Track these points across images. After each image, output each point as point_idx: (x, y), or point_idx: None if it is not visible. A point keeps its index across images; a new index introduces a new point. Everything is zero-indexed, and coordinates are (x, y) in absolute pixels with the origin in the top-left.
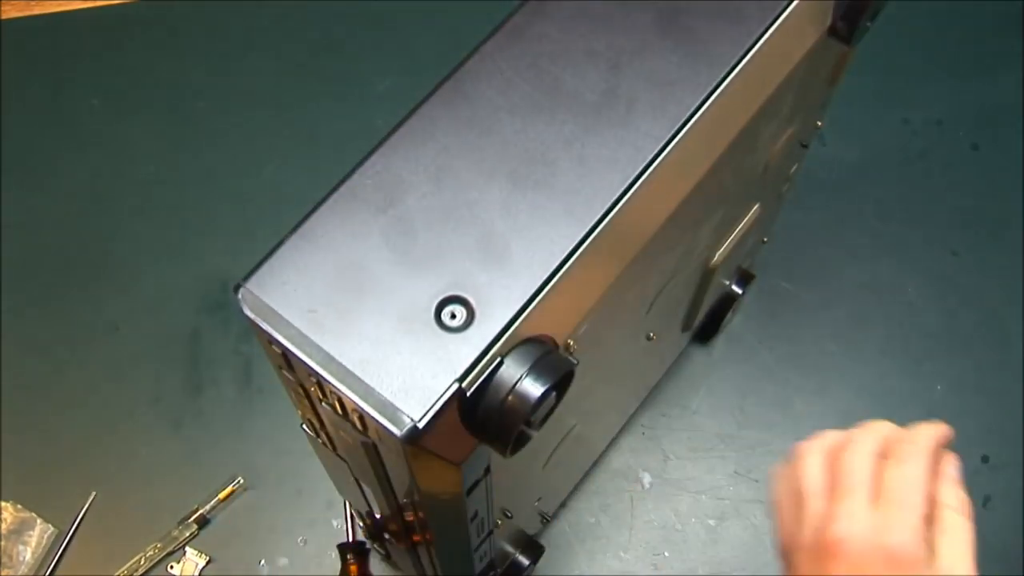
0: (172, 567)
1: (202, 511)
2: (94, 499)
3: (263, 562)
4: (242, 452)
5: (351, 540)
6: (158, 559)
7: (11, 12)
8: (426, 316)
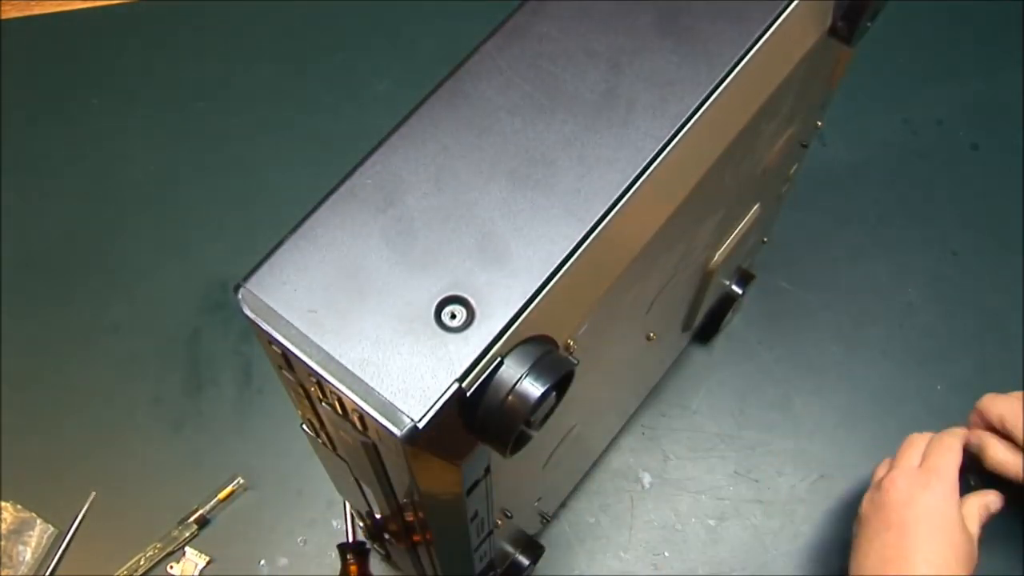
0: (172, 567)
1: (202, 511)
2: (94, 499)
3: (263, 562)
4: (242, 452)
5: (351, 540)
6: (158, 559)
7: (11, 12)
8: (426, 316)
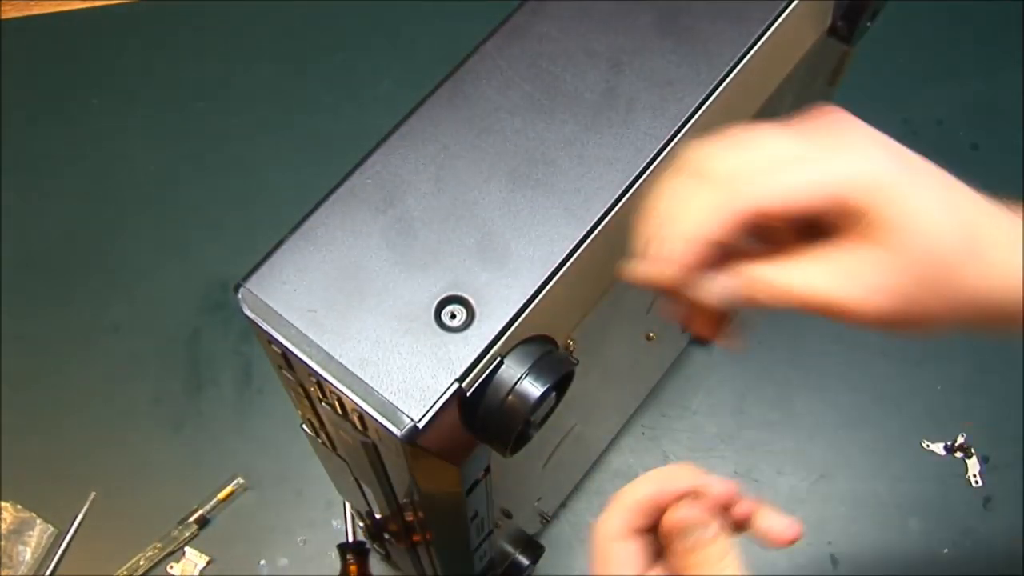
0: (172, 567)
1: (202, 511)
2: (94, 499)
3: (263, 562)
4: (242, 452)
5: (351, 540)
6: (158, 559)
7: (11, 12)
8: (426, 316)
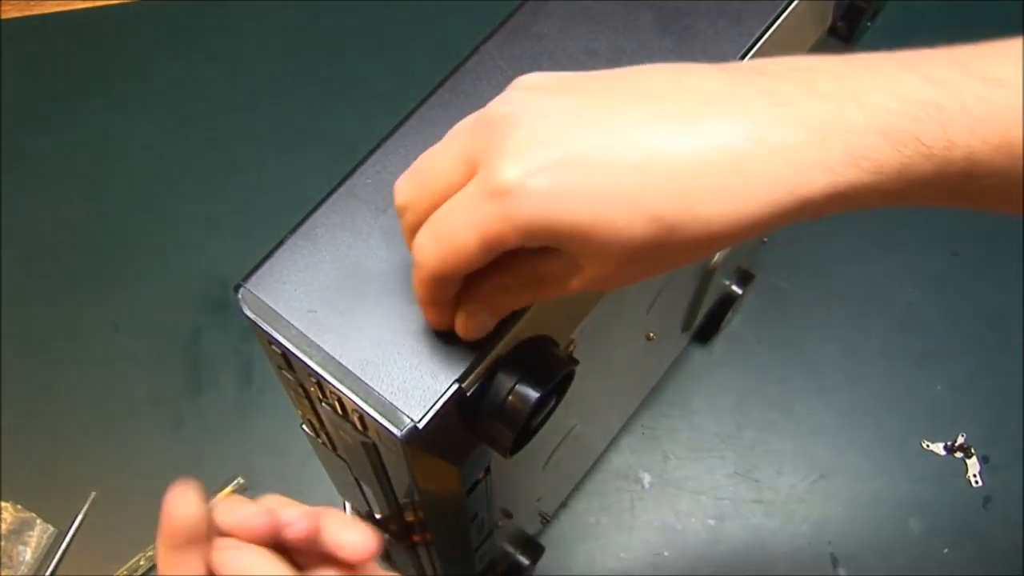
0: None
1: None
2: (94, 499)
3: None
4: (242, 452)
5: None
6: None
7: (11, 12)
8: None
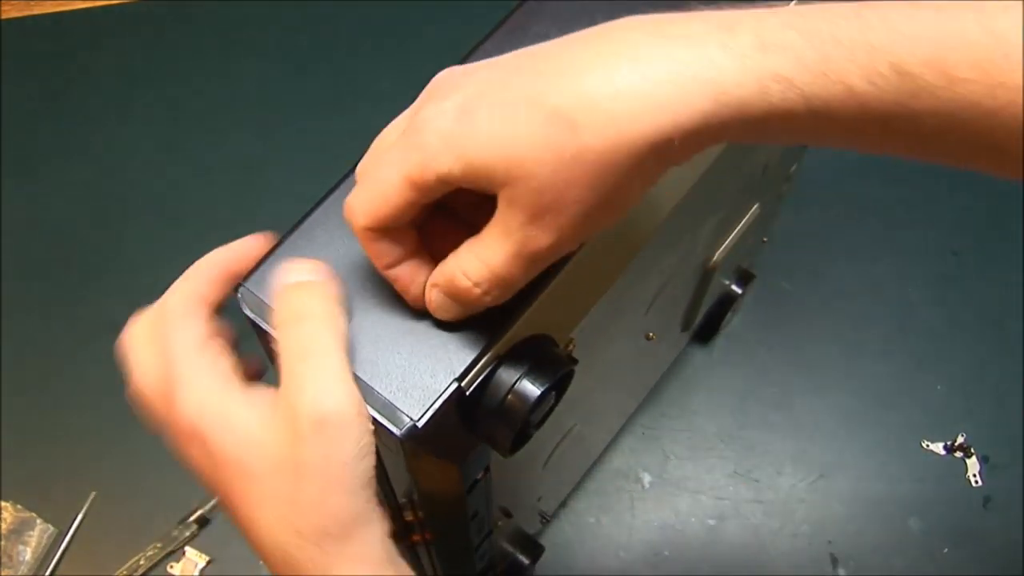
0: (172, 567)
1: (202, 511)
2: (94, 499)
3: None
4: None
5: None
6: (158, 559)
7: (11, 12)
8: (425, 315)
